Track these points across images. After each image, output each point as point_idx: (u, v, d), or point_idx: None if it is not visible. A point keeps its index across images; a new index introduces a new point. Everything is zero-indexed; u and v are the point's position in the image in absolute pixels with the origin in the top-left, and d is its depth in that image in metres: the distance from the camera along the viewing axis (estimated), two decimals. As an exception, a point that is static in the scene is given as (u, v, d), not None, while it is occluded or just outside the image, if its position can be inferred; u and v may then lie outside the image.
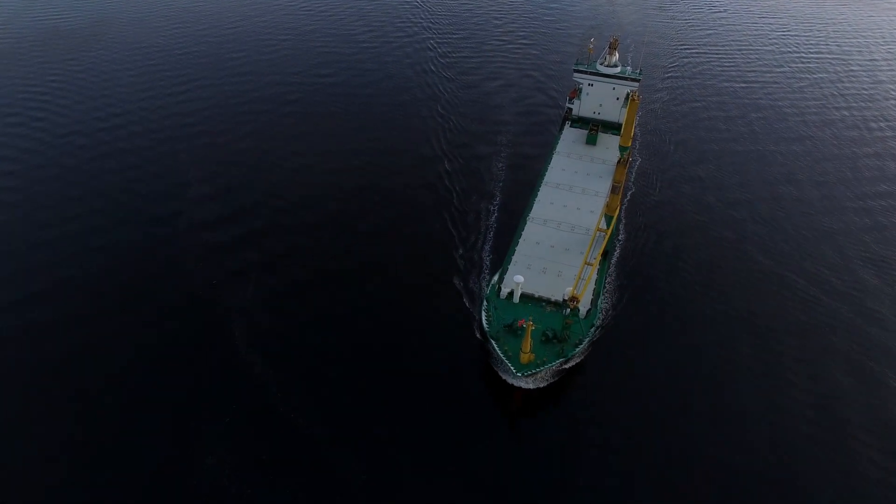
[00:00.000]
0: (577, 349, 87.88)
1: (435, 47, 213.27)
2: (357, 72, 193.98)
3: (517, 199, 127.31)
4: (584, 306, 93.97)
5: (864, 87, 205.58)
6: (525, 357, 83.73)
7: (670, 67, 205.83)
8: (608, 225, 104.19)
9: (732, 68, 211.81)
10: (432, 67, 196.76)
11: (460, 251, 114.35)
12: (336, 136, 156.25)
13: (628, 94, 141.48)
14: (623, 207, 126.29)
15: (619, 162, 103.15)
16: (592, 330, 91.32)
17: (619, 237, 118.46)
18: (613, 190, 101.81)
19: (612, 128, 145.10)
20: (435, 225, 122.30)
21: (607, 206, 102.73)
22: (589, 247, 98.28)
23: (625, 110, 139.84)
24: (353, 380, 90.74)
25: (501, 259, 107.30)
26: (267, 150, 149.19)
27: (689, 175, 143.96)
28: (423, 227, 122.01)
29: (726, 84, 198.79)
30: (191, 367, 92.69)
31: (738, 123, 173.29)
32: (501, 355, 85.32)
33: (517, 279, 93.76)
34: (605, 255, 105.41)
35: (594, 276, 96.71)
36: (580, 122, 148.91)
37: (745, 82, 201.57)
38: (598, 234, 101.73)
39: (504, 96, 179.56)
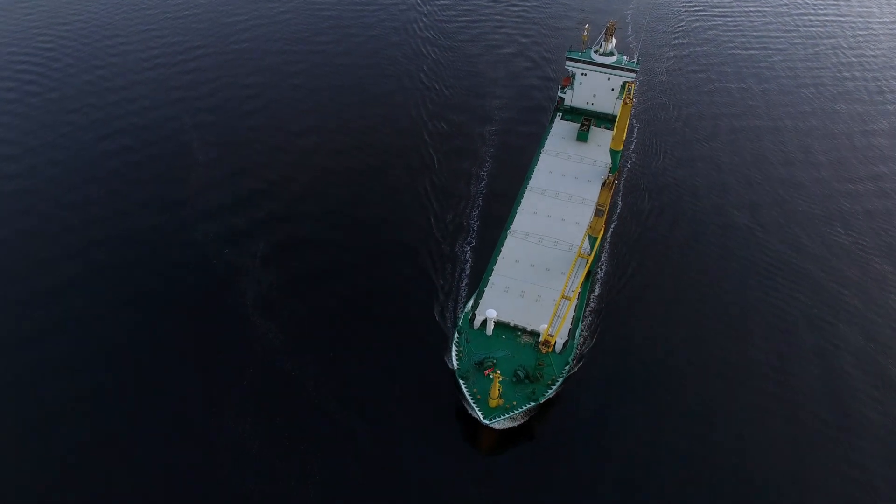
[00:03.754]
0: (550, 391, 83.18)
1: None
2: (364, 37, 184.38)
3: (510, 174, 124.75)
4: (561, 338, 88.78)
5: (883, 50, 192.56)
6: (494, 402, 79.51)
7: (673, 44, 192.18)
8: (592, 246, 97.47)
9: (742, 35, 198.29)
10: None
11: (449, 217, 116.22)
12: (341, 111, 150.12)
13: (624, 85, 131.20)
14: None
15: (603, 185, 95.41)
16: (567, 368, 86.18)
17: (604, 257, 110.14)
18: (597, 213, 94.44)
19: (606, 120, 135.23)
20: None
21: (591, 227, 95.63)
22: (568, 277, 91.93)
23: (619, 101, 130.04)
24: (351, 339, 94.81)
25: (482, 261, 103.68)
26: (272, 124, 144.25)
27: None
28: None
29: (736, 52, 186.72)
30: (207, 330, 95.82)
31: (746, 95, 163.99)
32: (469, 399, 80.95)
33: (490, 313, 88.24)
34: (588, 275, 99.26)
35: (572, 310, 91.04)
36: (572, 112, 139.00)
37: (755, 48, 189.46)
38: (578, 261, 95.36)
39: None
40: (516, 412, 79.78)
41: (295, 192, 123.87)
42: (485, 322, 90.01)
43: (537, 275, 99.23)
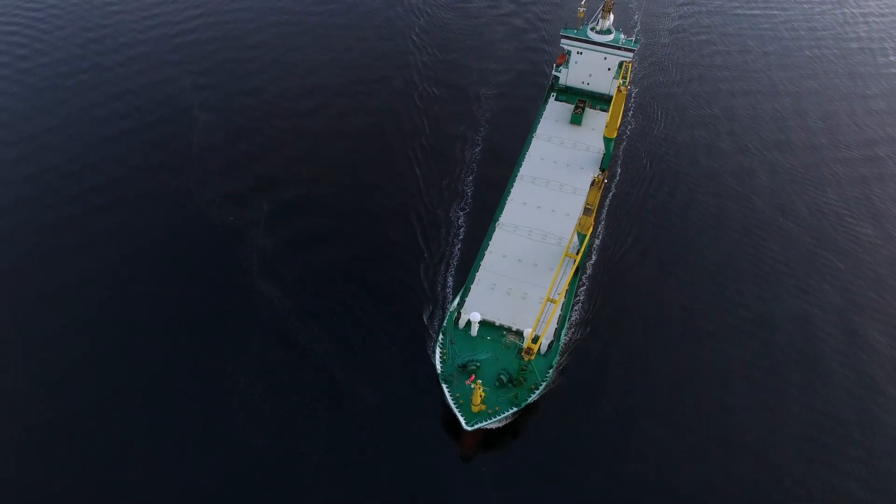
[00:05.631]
0: (533, 395, 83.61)
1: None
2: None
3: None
4: (546, 338, 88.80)
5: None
6: (476, 408, 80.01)
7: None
8: (581, 243, 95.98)
9: None
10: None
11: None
12: (340, 75, 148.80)
13: (621, 64, 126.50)
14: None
15: (592, 184, 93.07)
16: (551, 372, 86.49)
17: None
18: (586, 212, 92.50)
19: (602, 101, 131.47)
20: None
21: (580, 225, 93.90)
22: (554, 278, 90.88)
23: (616, 81, 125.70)
24: (350, 302, 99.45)
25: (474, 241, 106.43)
26: (270, 89, 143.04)
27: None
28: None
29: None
30: (216, 293, 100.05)
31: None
32: (452, 404, 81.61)
33: (474, 316, 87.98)
34: (577, 271, 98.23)
35: (558, 312, 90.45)
36: (567, 92, 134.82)
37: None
38: (566, 261, 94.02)
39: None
40: (498, 417, 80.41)
41: (292, 156, 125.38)
42: (469, 323, 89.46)
43: (525, 271, 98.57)
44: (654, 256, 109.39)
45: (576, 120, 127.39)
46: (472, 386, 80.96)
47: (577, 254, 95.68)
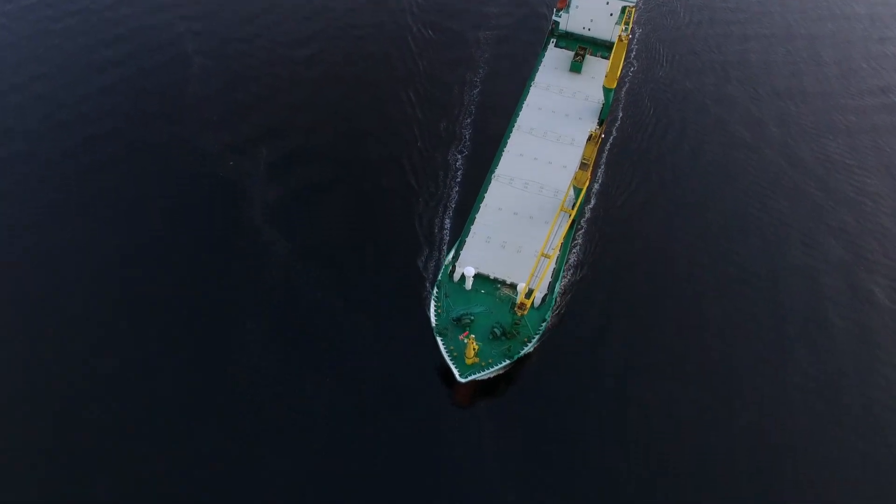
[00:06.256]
0: (526, 348, 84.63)
1: None
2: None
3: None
4: (540, 292, 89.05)
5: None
6: (470, 361, 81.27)
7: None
8: (577, 197, 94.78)
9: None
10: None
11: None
12: (338, 19, 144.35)
13: (624, 9, 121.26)
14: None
15: (589, 139, 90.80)
16: (544, 325, 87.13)
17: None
18: (582, 167, 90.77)
19: (603, 48, 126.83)
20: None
21: (576, 179, 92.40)
22: (549, 233, 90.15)
23: (618, 27, 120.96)
24: (351, 246, 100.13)
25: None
26: (265, 35, 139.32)
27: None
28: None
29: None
30: (219, 240, 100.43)
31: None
32: (446, 356, 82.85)
33: (468, 271, 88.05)
34: (572, 225, 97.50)
35: (552, 265, 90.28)
36: (567, 38, 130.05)
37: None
38: (561, 216, 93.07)
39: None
40: (492, 370, 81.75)
41: (289, 103, 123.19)
42: (464, 277, 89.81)
43: (520, 224, 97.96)
44: (658, 206, 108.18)
45: (575, 68, 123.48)
46: (466, 341, 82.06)
47: (573, 208, 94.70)
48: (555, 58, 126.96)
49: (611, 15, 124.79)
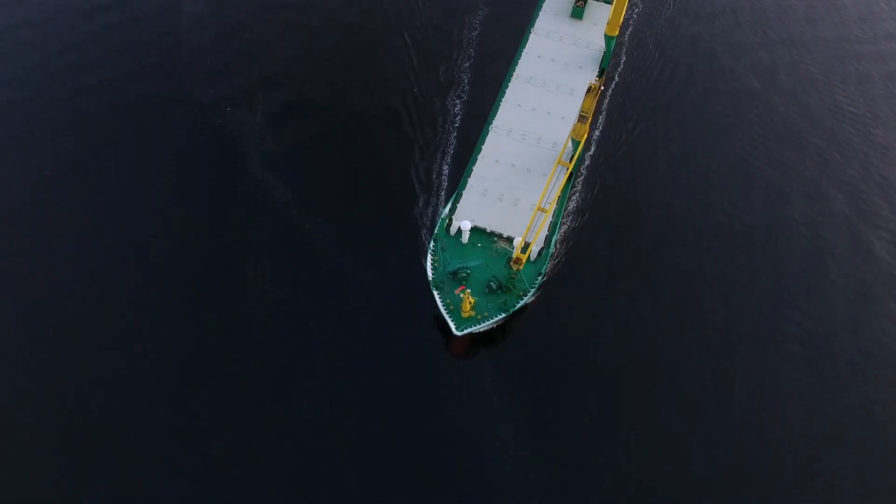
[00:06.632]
0: (522, 301, 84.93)
1: None
2: None
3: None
4: (536, 245, 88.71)
5: None
6: (466, 314, 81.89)
7: None
8: (575, 150, 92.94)
9: None
10: None
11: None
12: None
13: None
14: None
15: (588, 90, 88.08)
16: (540, 279, 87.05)
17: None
18: (581, 119, 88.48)
19: None
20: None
21: (574, 131, 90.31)
22: (546, 186, 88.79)
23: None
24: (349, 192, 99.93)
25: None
26: None
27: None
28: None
29: None
30: (218, 188, 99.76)
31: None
32: (442, 309, 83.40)
33: (464, 225, 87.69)
34: (570, 178, 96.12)
35: (549, 219, 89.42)
36: None
37: None
38: (558, 169, 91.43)
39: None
40: (488, 323, 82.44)
41: (285, 51, 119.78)
42: (460, 230, 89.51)
43: (517, 176, 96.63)
44: (661, 156, 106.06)
45: (577, 14, 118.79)
46: (461, 296, 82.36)
47: (571, 161, 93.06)
48: (556, 2, 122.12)
49: None
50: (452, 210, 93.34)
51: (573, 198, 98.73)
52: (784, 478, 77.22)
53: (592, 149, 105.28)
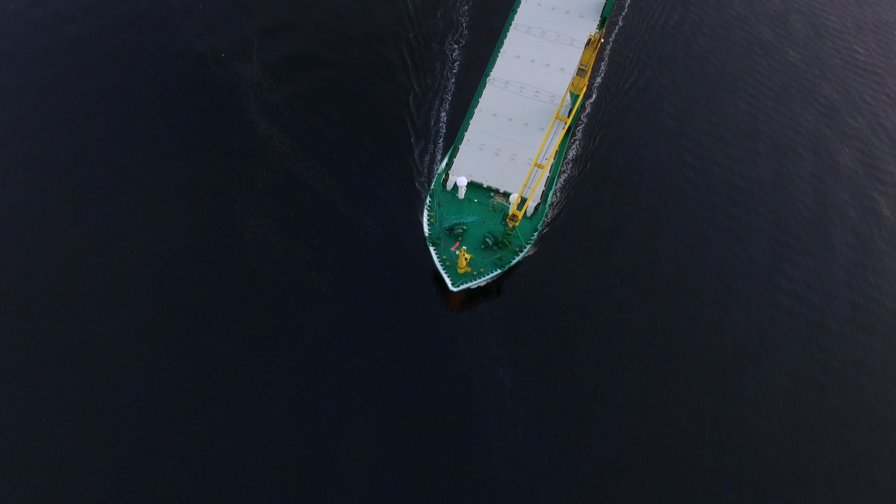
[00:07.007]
0: (518, 257, 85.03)
1: None
2: None
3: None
4: (533, 201, 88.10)
5: None
6: (462, 270, 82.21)
7: None
8: (573, 104, 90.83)
9: None
10: None
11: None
12: None
13: None
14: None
15: (588, 43, 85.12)
16: (536, 235, 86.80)
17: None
18: (579, 72, 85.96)
19: None
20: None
21: (573, 85, 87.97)
22: (543, 142, 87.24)
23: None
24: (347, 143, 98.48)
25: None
26: None
27: None
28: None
29: None
30: (215, 135, 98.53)
31: None
32: (438, 265, 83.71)
33: (461, 181, 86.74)
34: (568, 132, 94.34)
35: (546, 174, 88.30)
36: None
37: None
38: (556, 123, 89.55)
39: None
40: (483, 278, 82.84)
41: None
42: (457, 185, 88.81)
43: (515, 130, 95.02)
44: (665, 111, 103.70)
45: None
46: (457, 252, 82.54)
47: (569, 116, 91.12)
48: None
49: None
50: (449, 165, 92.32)
51: (573, 147, 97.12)
52: (770, 424, 78.67)
53: (593, 96, 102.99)
